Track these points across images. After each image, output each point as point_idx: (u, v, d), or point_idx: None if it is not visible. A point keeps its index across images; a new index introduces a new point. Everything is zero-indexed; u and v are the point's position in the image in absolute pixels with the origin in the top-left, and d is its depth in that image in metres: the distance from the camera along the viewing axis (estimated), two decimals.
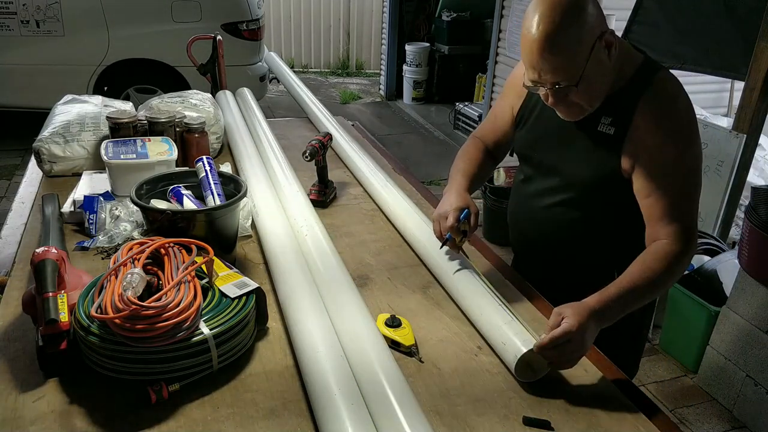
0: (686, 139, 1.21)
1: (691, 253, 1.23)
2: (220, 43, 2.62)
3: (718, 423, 2.48)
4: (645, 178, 1.22)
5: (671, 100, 1.21)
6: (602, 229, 1.35)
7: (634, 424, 1.02)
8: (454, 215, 1.31)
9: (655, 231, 1.23)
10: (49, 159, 1.80)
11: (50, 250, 1.09)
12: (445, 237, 1.32)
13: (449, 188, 1.41)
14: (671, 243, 1.20)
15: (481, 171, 1.50)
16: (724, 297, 2.58)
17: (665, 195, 1.21)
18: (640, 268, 1.18)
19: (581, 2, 1.11)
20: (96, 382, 1.01)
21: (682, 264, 1.22)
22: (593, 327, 1.09)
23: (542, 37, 1.10)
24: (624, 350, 1.43)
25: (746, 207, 2.36)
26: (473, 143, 1.55)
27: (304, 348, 1.05)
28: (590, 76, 1.15)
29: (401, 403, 0.91)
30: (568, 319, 1.06)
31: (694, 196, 1.25)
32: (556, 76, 1.14)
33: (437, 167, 5.01)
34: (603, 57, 1.16)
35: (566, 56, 1.12)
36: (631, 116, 1.21)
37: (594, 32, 1.13)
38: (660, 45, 3.27)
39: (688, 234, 1.21)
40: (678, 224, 1.21)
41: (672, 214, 1.21)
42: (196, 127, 1.86)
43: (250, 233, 1.56)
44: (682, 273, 1.27)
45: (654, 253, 1.21)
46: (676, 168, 1.21)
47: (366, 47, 8.42)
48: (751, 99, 2.78)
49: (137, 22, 4.51)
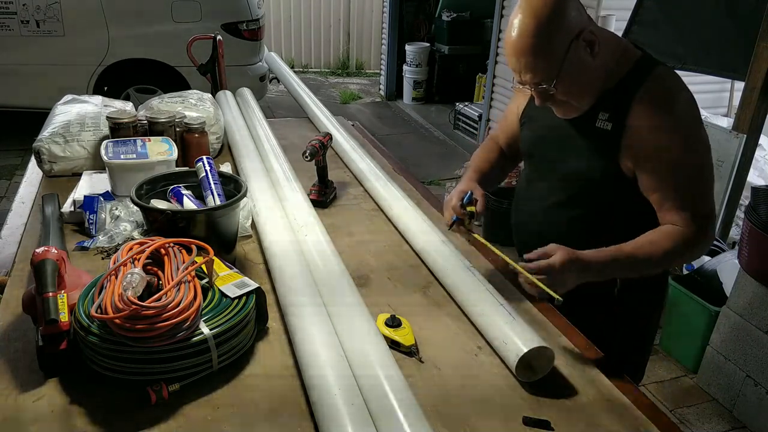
0: (687, 129, 1.21)
1: (704, 241, 1.24)
2: (220, 43, 2.62)
3: (718, 423, 2.48)
4: (649, 174, 1.23)
5: (669, 94, 1.21)
6: (604, 226, 1.35)
7: (634, 424, 1.02)
8: (458, 196, 1.36)
9: (668, 220, 1.24)
10: (49, 159, 1.80)
11: (50, 250, 1.08)
12: (452, 219, 1.36)
13: (460, 181, 1.47)
14: (684, 227, 1.21)
15: (493, 168, 1.54)
16: (724, 297, 2.58)
17: (673, 188, 1.22)
18: (646, 242, 1.21)
19: (556, 5, 1.14)
20: (96, 382, 1.01)
21: (690, 249, 1.23)
22: (574, 274, 1.16)
23: (517, 41, 1.15)
24: (630, 356, 1.42)
25: (746, 207, 2.36)
26: (487, 143, 1.61)
27: (304, 348, 1.05)
28: (569, 74, 1.18)
29: (401, 403, 0.91)
30: (555, 257, 1.14)
31: (705, 185, 1.24)
32: (535, 77, 1.18)
33: (437, 167, 5.01)
34: (583, 55, 1.18)
35: (539, 58, 1.16)
36: (628, 111, 1.22)
37: (571, 32, 1.16)
38: (660, 45, 3.27)
39: (701, 220, 1.22)
40: (690, 211, 1.21)
41: (683, 204, 1.22)
42: (196, 127, 1.86)
43: (250, 233, 1.56)
44: (687, 259, 1.28)
45: (664, 231, 1.22)
46: (680, 160, 1.21)
47: (366, 47, 8.42)
48: (751, 99, 2.77)
49: (137, 22, 4.51)
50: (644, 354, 1.53)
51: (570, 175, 1.34)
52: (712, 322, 2.61)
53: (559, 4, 1.14)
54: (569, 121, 1.30)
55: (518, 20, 1.15)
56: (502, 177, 1.63)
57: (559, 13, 1.14)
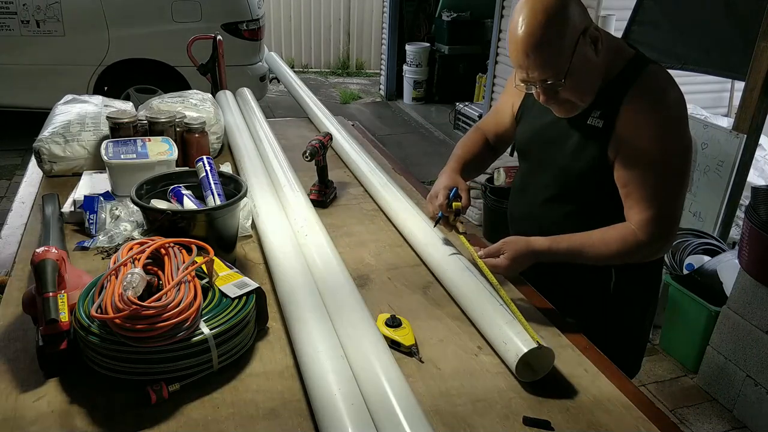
0: (672, 132, 1.22)
1: (655, 245, 1.26)
2: (220, 43, 2.62)
3: (718, 423, 2.48)
4: (624, 167, 1.24)
5: (659, 92, 1.22)
6: (598, 222, 1.36)
7: (634, 424, 1.02)
8: (443, 194, 1.39)
9: (628, 217, 1.26)
10: (49, 159, 1.80)
11: (50, 250, 1.08)
12: (437, 216, 1.40)
13: (443, 171, 1.49)
14: (637, 231, 1.24)
15: (476, 159, 1.57)
16: (724, 297, 2.58)
17: (642, 185, 1.23)
18: (598, 239, 1.26)
19: (563, 1, 1.14)
20: (96, 382, 1.01)
21: (638, 253, 1.27)
22: (525, 263, 1.27)
23: (526, 37, 1.14)
24: (626, 349, 1.43)
25: (746, 207, 2.36)
26: (474, 133, 1.62)
27: (304, 348, 1.05)
28: (576, 71, 1.18)
29: (401, 403, 0.91)
30: (503, 259, 1.26)
31: (675, 190, 1.25)
32: (543, 74, 1.18)
33: (437, 167, 4.96)
34: (588, 52, 1.18)
35: (550, 53, 1.15)
36: (618, 108, 1.23)
37: (577, 28, 1.16)
38: (660, 45, 3.27)
39: (658, 226, 1.23)
40: (650, 215, 1.23)
41: (645, 204, 1.23)
42: (196, 127, 1.86)
43: (250, 233, 1.56)
44: (637, 260, 1.32)
45: (617, 232, 1.26)
46: (658, 160, 1.22)
47: (366, 47, 8.42)
48: (751, 99, 2.77)
49: (137, 22, 4.51)
50: (641, 347, 1.54)
51: (563, 171, 1.35)
52: (712, 322, 2.61)
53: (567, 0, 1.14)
54: (563, 118, 1.31)
55: (525, 16, 1.13)
56: (483, 169, 1.66)
57: (566, 8, 1.14)
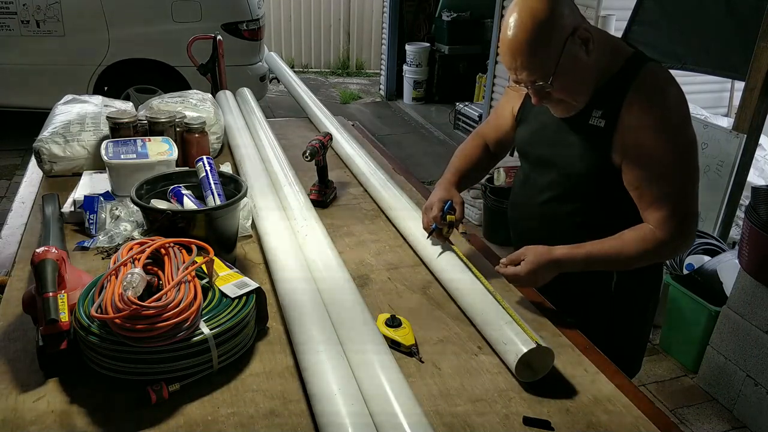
0: (675, 128, 1.22)
1: (676, 242, 1.25)
2: (220, 43, 2.62)
3: (718, 423, 2.48)
4: (633, 168, 1.24)
5: (659, 90, 1.22)
6: (599, 222, 1.36)
7: (634, 424, 1.02)
8: (438, 206, 1.41)
9: (645, 218, 1.26)
10: (49, 159, 1.80)
11: (50, 250, 1.08)
12: (431, 227, 1.42)
13: (439, 182, 1.50)
14: (655, 229, 1.23)
15: (475, 168, 1.58)
16: (724, 297, 2.58)
17: (653, 185, 1.23)
18: (618, 243, 1.25)
19: (551, 3, 1.14)
20: (96, 382, 1.01)
21: (661, 252, 1.26)
22: (547, 274, 1.25)
23: (512, 40, 1.16)
24: (626, 349, 1.43)
25: (746, 207, 2.36)
26: (473, 140, 1.61)
27: (304, 348, 1.05)
28: (565, 72, 1.18)
29: (401, 403, 0.91)
30: (524, 264, 1.24)
31: (687, 185, 1.25)
32: (531, 75, 1.19)
33: (437, 167, 5.00)
34: (579, 52, 1.19)
35: (536, 56, 1.16)
36: (620, 108, 1.23)
37: (566, 30, 1.16)
38: (660, 45, 3.27)
39: (677, 222, 1.23)
40: (665, 212, 1.23)
41: (660, 202, 1.23)
42: (196, 127, 1.86)
43: (250, 233, 1.56)
44: (662, 258, 1.32)
45: (635, 233, 1.25)
46: (665, 158, 1.22)
47: (366, 47, 8.42)
48: (751, 99, 2.77)
49: (137, 22, 4.51)
50: (641, 346, 1.54)
51: (564, 172, 1.35)
52: (712, 322, 2.61)
53: (553, 2, 1.15)
54: (563, 118, 1.31)
55: (513, 19, 1.15)
56: (481, 177, 1.67)
57: (554, 11, 1.14)
